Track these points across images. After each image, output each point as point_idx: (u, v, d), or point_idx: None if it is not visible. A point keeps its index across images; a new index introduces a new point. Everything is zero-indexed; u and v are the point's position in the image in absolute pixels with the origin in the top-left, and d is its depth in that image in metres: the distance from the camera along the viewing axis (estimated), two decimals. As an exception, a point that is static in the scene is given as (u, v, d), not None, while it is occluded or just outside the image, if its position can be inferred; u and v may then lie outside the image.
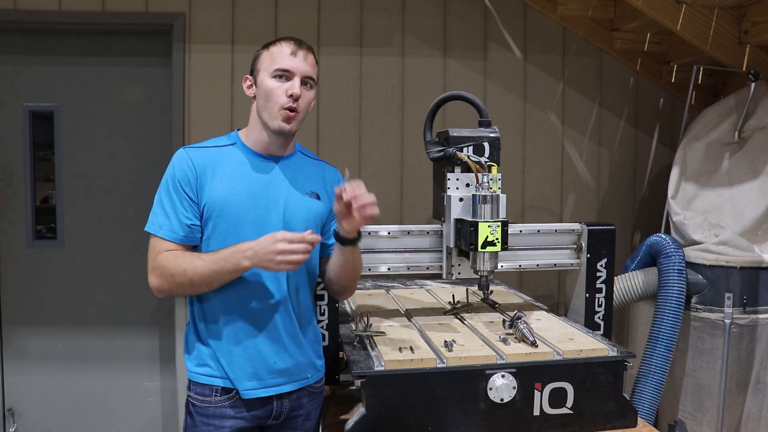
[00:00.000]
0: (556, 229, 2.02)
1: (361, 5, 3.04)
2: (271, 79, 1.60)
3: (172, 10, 2.90)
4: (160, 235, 1.57)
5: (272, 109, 1.60)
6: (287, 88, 1.59)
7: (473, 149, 1.78)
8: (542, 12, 3.11)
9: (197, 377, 1.61)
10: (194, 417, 1.60)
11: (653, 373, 2.52)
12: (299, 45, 1.63)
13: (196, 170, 1.58)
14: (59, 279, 3.08)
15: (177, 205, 1.57)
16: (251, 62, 1.67)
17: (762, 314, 2.53)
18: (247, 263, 1.49)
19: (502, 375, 1.54)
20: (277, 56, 1.60)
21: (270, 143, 1.66)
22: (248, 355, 1.58)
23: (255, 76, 1.64)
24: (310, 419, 1.70)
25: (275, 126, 1.61)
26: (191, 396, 1.62)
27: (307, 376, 1.67)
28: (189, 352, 1.64)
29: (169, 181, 1.59)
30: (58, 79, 3.02)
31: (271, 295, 1.59)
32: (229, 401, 1.59)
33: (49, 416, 3.10)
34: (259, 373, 1.59)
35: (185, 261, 1.53)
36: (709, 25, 2.72)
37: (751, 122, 2.77)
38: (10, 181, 3.04)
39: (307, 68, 1.62)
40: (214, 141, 1.68)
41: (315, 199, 1.68)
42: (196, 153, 1.62)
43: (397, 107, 3.10)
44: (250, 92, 1.67)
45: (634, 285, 2.65)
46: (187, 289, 1.55)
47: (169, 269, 1.54)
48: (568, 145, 3.23)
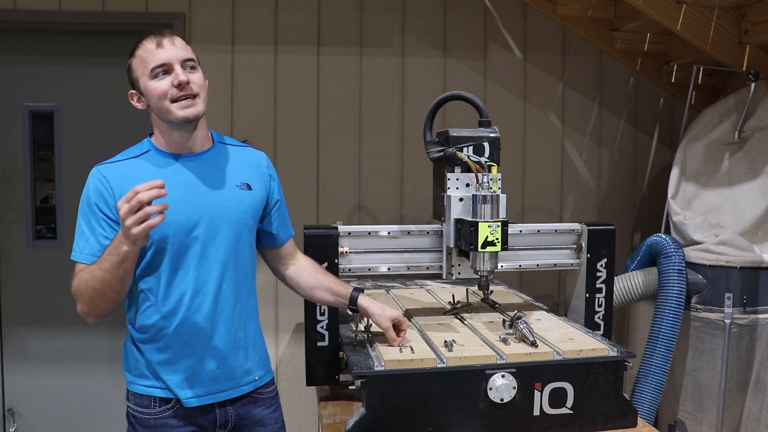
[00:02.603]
0: (556, 229, 2.02)
1: (361, 5, 3.04)
2: (152, 81, 1.53)
3: (172, 10, 2.90)
4: (81, 261, 1.50)
5: (167, 105, 1.53)
6: (171, 80, 1.52)
7: (473, 149, 1.78)
8: (542, 12, 3.11)
9: (136, 388, 1.57)
10: (136, 428, 1.57)
11: (653, 373, 2.52)
12: (161, 34, 1.56)
13: (111, 186, 1.51)
14: (59, 279, 3.08)
15: (95, 227, 1.51)
16: (127, 77, 1.61)
17: (762, 314, 2.53)
18: (125, 247, 1.37)
19: (502, 375, 1.54)
20: (146, 57, 1.54)
21: (181, 141, 1.58)
22: (186, 364, 1.54)
23: (138, 88, 1.58)
24: (264, 426, 1.65)
25: (179, 117, 1.53)
26: (130, 407, 1.58)
27: (255, 379, 1.64)
28: (127, 362, 1.60)
29: (84, 203, 1.53)
30: (58, 79, 3.02)
31: (205, 297, 1.55)
32: (169, 411, 1.55)
33: (49, 416, 3.10)
34: (200, 380, 1.55)
35: (86, 274, 1.46)
36: (709, 25, 2.72)
37: (751, 122, 2.77)
38: (10, 181, 3.04)
39: (180, 52, 1.55)
40: (127, 153, 1.61)
41: (246, 190, 1.62)
42: (109, 169, 1.55)
43: (397, 107, 3.10)
44: (141, 105, 1.60)
45: (634, 285, 2.65)
46: (98, 301, 1.46)
47: (79, 288, 1.47)
48: (568, 145, 3.23)
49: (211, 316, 1.56)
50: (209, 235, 1.55)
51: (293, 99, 3.03)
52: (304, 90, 3.03)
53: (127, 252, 1.39)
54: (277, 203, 1.73)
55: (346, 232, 1.87)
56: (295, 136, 3.02)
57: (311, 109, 3.05)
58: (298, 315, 1.81)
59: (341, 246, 1.85)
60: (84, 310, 1.49)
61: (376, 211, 3.06)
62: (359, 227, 1.90)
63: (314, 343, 1.84)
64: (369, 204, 3.04)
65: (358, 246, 1.89)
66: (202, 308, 1.55)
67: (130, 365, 1.60)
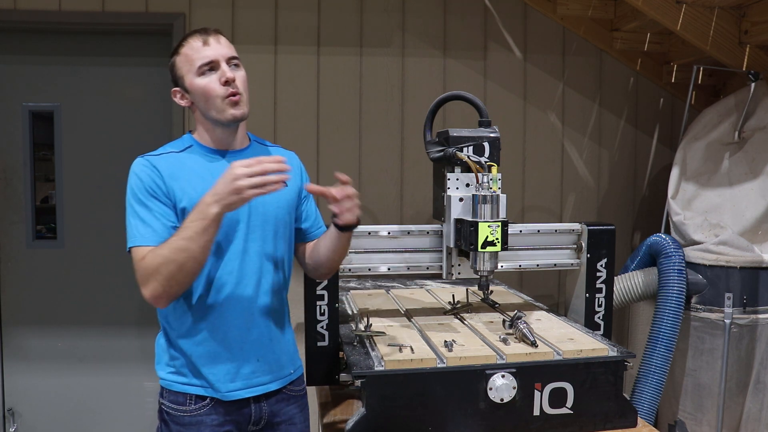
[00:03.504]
0: (556, 229, 2.02)
1: (361, 5, 3.04)
2: (199, 78, 1.55)
3: (172, 10, 2.90)
4: (147, 244, 1.47)
5: (215, 103, 1.55)
6: (218, 77, 1.54)
7: (473, 149, 1.77)
8: (542, 12, 3.11)
9: (171, 385, 1.58)
10: (169, 425, 1.57)
11: (653, 373, 2.52)
12: (206, 32, 1.57)
13: (162, 176, 1.52)
14: (59, 279, 3.08)
15: (154, 210, 1.50)
16: (170, 75, 1.62)
17: (762, 314, 2.53)
18: (215, 209, 1.39)
19: (502, 375, 1.54)
20: (192, 54, 1.55)
21: (224, 138, 1.61)
22: (227, 356, 1.56)
23: (182, 85, 1.59)
24: (294, 424, 1.68)
25: (227, 116, 1.56)
26: (164, 404, 1.59)
27: (289, 373, 1.66)
28: (161, 360, 1.61)
29: (136, 191, 1.51)
30: (58, 79, 3.02)
31: (245, 290, 1.57)
32: (204, 408, 1.56)
33: (49, 416, 3.11)
34: (241, 373, 1.57)
35: (162, 250, 1.45)
36: (709, 25, 2.72)
37: (751, 122, 2.77)
38: (10, 181, 3.04)
39: (225, 50, 1.57)
40: (168, 147, 1.62)
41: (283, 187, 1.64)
42: (157, 160, 1.56)
43: (397, 107, 3.10)
44: (184, 102, 1.61)
45: (634, 285, 2.65)
46: (177, 276, 1.43)
47: (154, 268, 1.44)
48: (568, 145, 3.23)
49: (251, 309, 1.58)
50: (251, 229, 1.58)
51: (293, 99, 3.03)
52: (304, 90, 3.03)
53: (215, 215, 1.39)
54: (306, 199, 1.76)
55: (346, 232, 1.87)
56: (295, 136, 3.02)
57: (311, 109, 3.05)
58: (298, 315, 1.80)
59: (341, 246, 1.85)
60: (158, 291, 1.45)
61: (376, 211, 3.06)
62: (359, 227, 1.90)
63: (314, 343, 1.84)
64: (369, 204, 3.04)
65: (358, 246, 1.88)
66: (242, 301, 1.57)
67: (165, 363, 1.60)
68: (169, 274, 1.43)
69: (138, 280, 1.48)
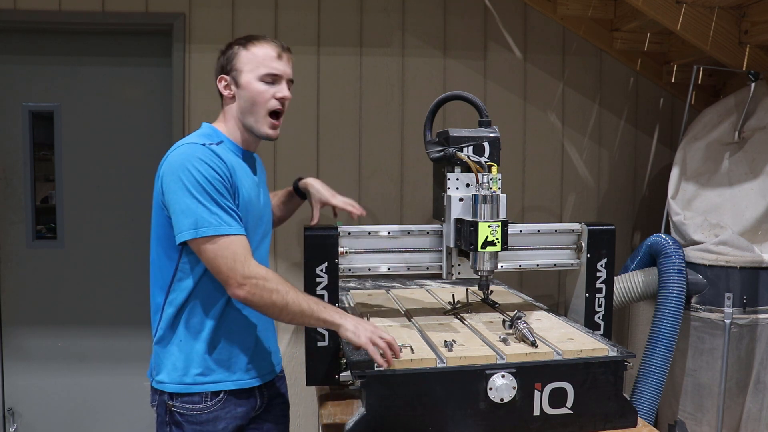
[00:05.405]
0: (556, 229, 2.02)
1: (361, 5, 3.04)
2: (258, 82, 1.58)
3: (172, 10, 2.90)
4: (235, 233, 1.48)
5: (259, 113, 1.59)
6: (275, 91, 1.59)
7: (473, 149, 1.77)
8: (542, 12, 3.11)
9: (184, 388, 1.59)
10: (183, 427, 1.59)
11: (653, 373, 2.52)
12: (283, 47, 1.62)
13: (228, 170, 1.53)
14: (59, 279, 3.08)
15: (229, 203, 1.51)
16: (225, 60, 1.61)
17: (762, 314, 2.53)
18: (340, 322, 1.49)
19: (502, 375, 1.54)
20: (264, 59, 1.58)
21: (252, 144, 1.70)
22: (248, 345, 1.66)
23: (235, 78, 1.59)
24: (285, 401, 1.84)
25: (260, 132, 1.63)
26: (177, 407, 1.59)
27: (281, 357, 1.85)
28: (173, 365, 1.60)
29: (211, 180, 1.49)
30: (58, 79, 3.02)
31: None
32: (219, 403, 1.61)
33: (49, 416, 3.11)
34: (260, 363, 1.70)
35: (286, 284, 1.49)
36: (709, 25, 2.72)
37: (751, 122, 2.77)
38: (10, 181, 3.04)
39: (290, 71, 1.64)
40: (205, 138, 1.60)
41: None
42: (219, 151, 1.55)
43: (397, 107, 3.10)
44: (228, 92, 1.62)
45: (634, 285, 2.65)
46: (273, 314, 1.50)
47: (271, 285, 1.47)
48: (568, 145, 3.23)
49: None
50: (267, 229, 1.75)
51: (293, 99, 3.01)
52: (304, 90, 3.02)
53: (335, 325, 1.50)
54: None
55: (346, 232, 1.87)
56: (295, 136, 3.02)
57: (311, 109, 3.05)
58: (298, 315, 1.83)
59: (341, 246, 1.85)
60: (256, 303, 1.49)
61: (376, 211, 3.06)
62: (359, 227, 1.90)
63: (314, 343, 1.84)
64: (369, 204, 3.04)
65: (358, 246, 1.88)
66: None
67: (178, 366, 1.60)
68: (271, 303, 1.48)
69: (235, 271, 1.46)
